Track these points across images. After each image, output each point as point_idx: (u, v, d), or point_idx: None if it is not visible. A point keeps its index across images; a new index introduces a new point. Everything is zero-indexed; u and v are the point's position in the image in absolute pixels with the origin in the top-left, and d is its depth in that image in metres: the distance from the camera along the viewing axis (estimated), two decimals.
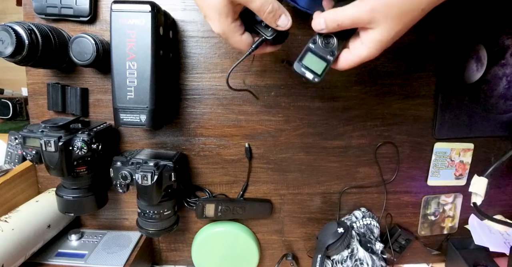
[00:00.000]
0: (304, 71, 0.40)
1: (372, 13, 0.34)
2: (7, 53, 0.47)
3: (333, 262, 0.61)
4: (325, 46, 0.39)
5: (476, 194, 0.71)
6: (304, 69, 0.40)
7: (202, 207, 0.64)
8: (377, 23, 0.34)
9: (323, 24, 0.37)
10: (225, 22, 0.38)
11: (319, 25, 0.37)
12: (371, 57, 0.37)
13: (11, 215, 0.55)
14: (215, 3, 0.36)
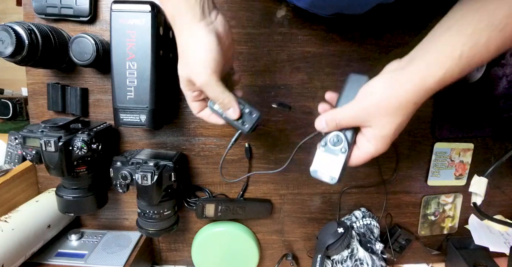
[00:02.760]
0: (321, 176, 0.41)
1: (366, 113, 0.36)
2: (7, 53, 0.47)
3: (333, 262, 0.61)
4: (334, 144, 0.40)
5: (476, 194, 0.70)
6: (320, 174, 0.41)
7: (202, 207, 0.64)
8: (373, 121, 0.36)
9: (324, 124, 0.40)
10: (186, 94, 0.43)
11: (320, 125, 0.40)
12: (381, 151, 0.38)
13: (11, 215, 0.55)
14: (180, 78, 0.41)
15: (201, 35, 0.37)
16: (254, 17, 0.59)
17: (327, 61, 0.62)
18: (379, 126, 0.37)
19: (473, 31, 0.32)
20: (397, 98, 0.35)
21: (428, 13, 0.58)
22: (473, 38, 0.32)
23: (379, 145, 0.38)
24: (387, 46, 0.61)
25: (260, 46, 0.61)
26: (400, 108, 0.35)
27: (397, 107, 0.35)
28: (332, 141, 0.40)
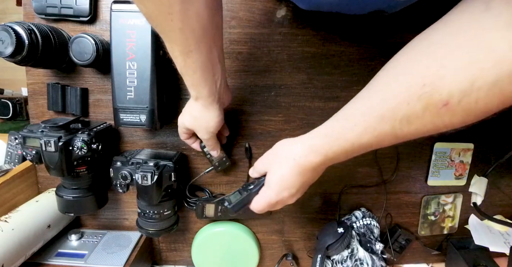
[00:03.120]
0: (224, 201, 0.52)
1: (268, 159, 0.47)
2: (7, 53, 0.47)
3: (333, 262, 0.61)
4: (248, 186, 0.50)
5: (476, 194, 0.71)
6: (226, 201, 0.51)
7: (202, 207, 0.64)
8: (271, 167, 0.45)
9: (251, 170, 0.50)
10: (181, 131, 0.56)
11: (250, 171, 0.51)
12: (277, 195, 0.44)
13: (11, 215, 0.55)
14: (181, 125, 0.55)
15: (214, 112, 0.50)
16: (254, 17, 0.59)
17: (327, 61, 0.62)
18: (272, 171, 0.44)
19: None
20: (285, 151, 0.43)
21: (429, 13, 0.58)
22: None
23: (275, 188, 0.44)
24: (388, 46, 0.61)
25: (260, 46, 0.61)
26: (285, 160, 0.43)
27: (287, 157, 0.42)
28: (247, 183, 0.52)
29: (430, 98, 0.29)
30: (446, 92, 0.28)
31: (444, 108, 0.29)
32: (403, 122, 0.32)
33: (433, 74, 0.29)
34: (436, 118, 0.30)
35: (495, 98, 0.27)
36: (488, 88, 0.27)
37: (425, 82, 0.30)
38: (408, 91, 0.31)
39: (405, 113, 0.32)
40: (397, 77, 0.33)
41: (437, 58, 0.29)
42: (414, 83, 0.30)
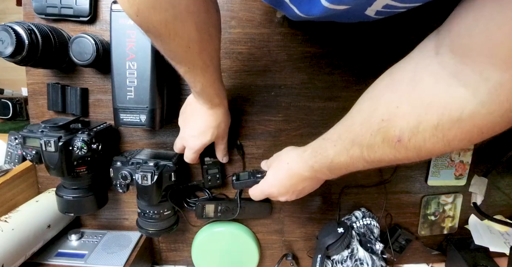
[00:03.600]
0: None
1: (272, 158, 0.55)
2: (7, 53, 0.47)
3: (333, 262, 0.61)
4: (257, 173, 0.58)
5: (476, 194, 0.71)
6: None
7: (201, 207, 0.64)
8: (272, 165, 0.53)
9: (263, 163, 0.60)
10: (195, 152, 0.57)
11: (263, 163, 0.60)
12: (268, 189, 0.52)
13: (11, 215, 0.55)
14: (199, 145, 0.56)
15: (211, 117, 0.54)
16: (254, 17, 0.59)
17: (327, 61, 0.62)
18: (271, 169, 0.53)
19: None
20: (285, 155, 0.51)
21: (429, 13, 0.58)
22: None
23: (270, 178, 0.52)
24: (388, 45, 0.61)
25: (260, 46, 0.61)
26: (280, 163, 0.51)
27: (284, 160, 0.50)
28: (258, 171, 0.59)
29: (386, 133, 0.33)
30: (398, 129, 0.32)
31: (398, 143, 0.32)
32: (368, 149, 0.36)
33: (390, 112, 0.33)
34: (393, 150, 0.33)
35: (439, 140, 0.30)
36: (431, 131, 0.29)
37: (383, 118, 0.33)
38: (370, 123, 0.35)
39: (368, 142, 0.35)
40: (366, 109, 0.37)
41: (394, 99, 0.33)
42: (376, 117, 0.34)
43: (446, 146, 0.30)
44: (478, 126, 0.28)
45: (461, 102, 0.27)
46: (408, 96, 0.31)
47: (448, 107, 0.28)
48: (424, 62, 0.31)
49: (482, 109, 0.26)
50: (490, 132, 0.28)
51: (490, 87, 0.25)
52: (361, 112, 0.38)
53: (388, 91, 0.35)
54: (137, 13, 0.32)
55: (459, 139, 0.29)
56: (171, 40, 0.36)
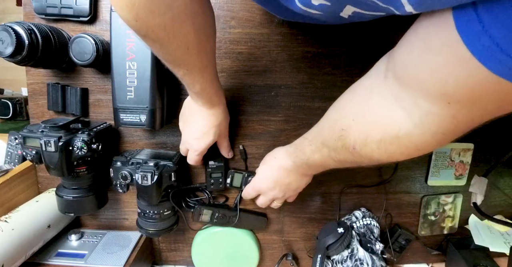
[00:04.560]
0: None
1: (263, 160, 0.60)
2: (7, 53, 0.47)
3: (333, 262, 0.61)
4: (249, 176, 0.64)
5: (476, 194, 0.71)
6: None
7: (199, 211, 0.64)
8: (263, 162, 0.59)
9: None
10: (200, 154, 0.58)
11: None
12: (259, 183, 0.58)
13: (11, 215, 0.55)
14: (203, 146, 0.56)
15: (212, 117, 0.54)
16: (254, 17, 0.59)
17: (327, 61, 0.62)
18: (261, 165, 0.59)
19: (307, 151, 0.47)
20: (273, 153, 0.57)
21: None
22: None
23: (260, 175, 0.58)
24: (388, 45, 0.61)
25: (260, 46, 0.61)
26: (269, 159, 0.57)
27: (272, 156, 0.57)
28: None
29: (345, 141, 0.38)
30: (353, 139, 0.37)
31: (353, 150, 0.37)
32: (334, 151, 0.41)
33: (348, 123, 0.37)
34: (351, 155, 0.38)
35: (383, 152, 0.34)
36: (376, 144, 0.34)
37: (343, 127, 0.38)
38: (333, 130, 0.40)
39: (332, 145, 0.40)
40: (331, 117, 0.42)
41: (352, 111, 0.37)
42: (338, 125, 0.39)
43: (390, 157, 0.35)
44: (414, 143, 0.31)
45: (399, 122, 0.31)
46: (361, 111, 0.36)
47: (389, 126, 0.32)
48: (377, 82, 0.34)
49: (415, 130, 0.30)
50: (424, 149, 0.32)
51: (421, 113, 0.29)
52: (328, 119, 0.43)
53: (348, 104, 0.39)
54: (136, 18, 0.32)
55: (399, 153, 0.34)
56: (170, 43, 0.36)
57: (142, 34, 0.35)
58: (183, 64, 0.41)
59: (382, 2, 0.26)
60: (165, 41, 0.36)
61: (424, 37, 0.26)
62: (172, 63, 0.41)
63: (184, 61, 0.40)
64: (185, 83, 0.46)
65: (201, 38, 0.38)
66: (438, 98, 0.27)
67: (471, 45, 0.21)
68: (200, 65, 0.42)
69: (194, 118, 0.55)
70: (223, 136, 0.60)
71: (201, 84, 0.46)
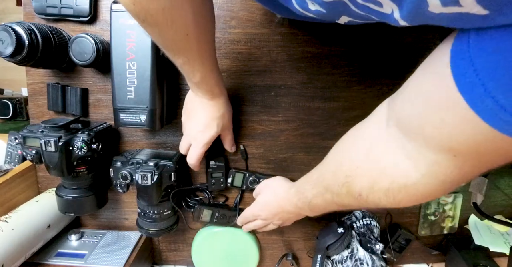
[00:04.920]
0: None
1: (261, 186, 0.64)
2: (7, 53, 0.47)
3: (333, 262, 0.61)
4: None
5: (476, 194, 0.71)
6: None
7: (199, 211, 0.64)
8: (262, 193, 0.61)
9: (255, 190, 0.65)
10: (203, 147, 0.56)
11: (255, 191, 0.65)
12: (257, 211, 0.59)
13: (11, 215, 0.55)
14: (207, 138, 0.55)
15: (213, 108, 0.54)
16: (254, 17, 0.59)
17: (327, 61, 0.62)
18: (260, 196, 0.61)
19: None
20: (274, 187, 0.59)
21: None
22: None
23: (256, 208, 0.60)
24: (388, 45, 0.61)
25: (260, 46, 0.61)
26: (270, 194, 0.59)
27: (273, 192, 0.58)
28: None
29: (350, 187, 0.37)
30: (359, 186, 0.36)
31: (359, 197, 0.37)
32: (337, 197, 0.40)
33: (352, 170, 0.37)
34: (356, 202, 0.38)
35: (390, 200, 0.34)
36: (384, 193, 0.34)
37: (347, 174, 0.38)
38: (338, 176, 0.39)
39: (336, 191, 0.40)
40: (334, 162, 0.42)
41: (355, 159, 0.37)
42: (342, 171, 0.39)
43: (397, 204, 0.35)
44: (421, 191, 0.31)
45: (406, 172, 0.31)
46: (365, 160, 0.36)
47: (396, 176, 0.32)
48: (378, 131, 0.34)
49: (422, 179, 0.30)
50: (431, 196, 0.32)
51: (427, 163, 0.29)
52: (331, 164, 0.43)
53: (351, 151, 0.39)
54: (134, 2, 0.31)
55: (407, 201, 0.34)
56: (169, 28, 0.35)
57: (141, 18, 0.34)
58: (182, 51, 0.40)
59: (377, 17, 0.26)
60: (164, 26, 0.35)
61: (426, 95, 0.26)
62: (172, 50, 0.41)
63: (183, 47, 0.40)
64: (185, 72, 0.45)
65: (200, 22, 0.38)
66: (444, 151, 0.27)
67: (475, 106, 0.21)
68: (199, 52, 0.41)
69: (196, 111, 0.54)
70: (226, 129, 0.58)
71: (201, 72, 0.45)
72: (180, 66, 0.44)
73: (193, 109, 0.55)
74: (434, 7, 0.20)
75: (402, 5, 0.22)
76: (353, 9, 0.27)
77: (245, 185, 0.65)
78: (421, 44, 0.61)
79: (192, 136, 0.56)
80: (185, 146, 0.58)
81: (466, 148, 0.25)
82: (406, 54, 0.61)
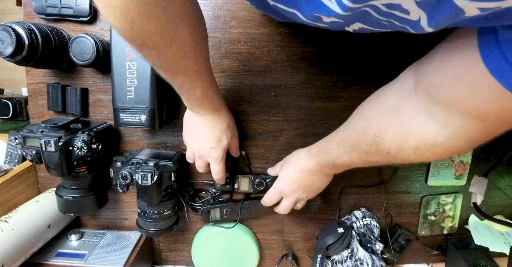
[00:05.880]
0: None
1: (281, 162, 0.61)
2: (7, 53, 0.47)
3: (333, 262, 0.61)
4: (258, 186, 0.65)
5: (476, 194, 0.71)
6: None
7: (207, 212, 0.64)
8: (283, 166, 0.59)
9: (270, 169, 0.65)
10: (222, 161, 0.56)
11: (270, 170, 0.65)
12: (282, 186, 0.58)
13: (11, 215, 0.55)
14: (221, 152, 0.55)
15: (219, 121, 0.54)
16: (254, 17, 0.59)
17: (327, 61, 0.62)
18: (283, 169, 0.58)
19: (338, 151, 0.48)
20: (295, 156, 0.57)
21: None
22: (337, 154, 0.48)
23: (282, 182, 0.58)
24: (388, 45, 0.61)
25: (260, 46, 0.61)
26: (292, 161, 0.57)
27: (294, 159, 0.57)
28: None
29: (378, 146, 0.41)
30: (387, 145, 0.40)
31: (388, 154, 0.40)
32: (365, 154, 0.43)
33: (380, 131, 0.40)
34: (384, 158, 0.41)
35: (418, 157, 0.38)
36: (412, 151, 0.37)
37: (375, 134, 0.41)
38: (365, 136, 0.42)
39: (364, 148, 0.43)
40: (360, 125, 0.44)
41: (382, 121, 0.40)
42: (369, 132, 0.42)
43: (424, 160, 0.38)
44: (448, 149, 0.35)
45: (434, 134, 0.35)
46: (392, 122, 0.39)
47: (424, 137, 0.36)
48: (405, 95, 0.38)
49: (450, 140, 0.34)
50: (457, 153, 0.38)
51: (455, 127, 0.33)
52: (356, 127, 0.45)
53: (376, 114, 0.42)
54: (132, 26, 0.31)
55: (434, 157, 0.38)
56: (167, 48, 0.35)
57: (139, 42, 0.34)
58: (181, 69, 0.41)
59: (400, 23, 0.28)
60: (162, 47, 0.35)
61: (455, 70, 0.29)
62: (170, 70, 0.41)
63: (182, 65, 0.40)
64: (185, 90, 0.45)
65: (197, 40, 0.38)
66: (471, 117, 0.30)
67: (505, 82, 0.25)
68: (198, 68, 0.42)
69: (201, 129, 0.54)
70: (234, 137, 0.58)
71: (201, 88, 0.45)
72: (180, 85, 0.44)
73: (197, 128, 0.54)
74: (471, 13, 0.21)
75: (432, 15, 0.24)
76: (374, 16, 0.29)
77: (252, 188, 0.64)
78: (421, 44, 0.61)
79: (206, 154, 0.55)
80: (202, 165, 0.58)
81: (492, 114, 0.29)
82: (406, 54, 0.61)
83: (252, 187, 0.64)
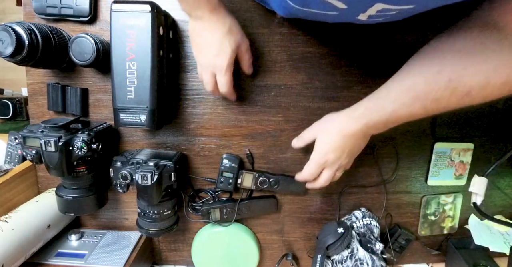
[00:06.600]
0: None
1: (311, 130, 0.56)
2: (7, 53, 0.47)
3: (333, 262, 0.61)
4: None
5: (476, 194, 0.71)
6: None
7: (207, 213, 0.64)
8: (318, 134, 0.54)
9: (294, 141, 0.59)
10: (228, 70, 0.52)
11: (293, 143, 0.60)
12: (324, 156, 0.53)
13: (11, 215, 0.55)
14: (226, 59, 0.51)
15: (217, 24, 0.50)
16: (254, 17, 0.59)
17: (327, 61, 0.62)
18: (320, 137, 0.53)
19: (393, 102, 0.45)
20: (331, 120, 0.53)
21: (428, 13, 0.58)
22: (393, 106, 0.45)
23: (317, 152, 0.53)
24: (388, 45, 0.61)
25: (260, 46, 0.61)
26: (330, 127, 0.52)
27: (332, 125, 0.52)
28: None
29: (455, 89, 0.38)
30: (468, 86, 0.37)
31: (466, 96, 0.38)
32: (433, 102, 0.40)
33: (457, 73, 0.38)
34: (460, 101, 0.39)
35: (503, 91, 0.37)
36: (499, 86, 0.36)
37: (451, 77, 0.38)
38: (436, 82, 0.39)
39: (434, 96, 0.40)
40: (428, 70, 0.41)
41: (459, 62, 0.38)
42: (442, 77, 0.39)
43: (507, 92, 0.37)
44: None
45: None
46: (473, 60, 0.37)
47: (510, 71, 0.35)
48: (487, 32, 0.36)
49: None
50: None
51: None
52: (422, 74, 0.41)
53: (450, 56, 0.39)
54: None
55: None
56: None
57: None
58: None
59: None
60: None
61: None
62: None
63: None
64: None
65: None
66: None
67: None
68: None
69: (202, 36, 0.51)
70: (241, 45, 0.54)
71: None
72: None
73: (199, 36, 0.52)
74: None
75: None
76: None
77: (255, 185, 0.64)
78: (421, 44, 0.61)
79: (211, 64, 0.52)
80: (209, 79, 0.54)
81: None
82: (406, 54, 0.61)
83: (255, 185, 0.64)
